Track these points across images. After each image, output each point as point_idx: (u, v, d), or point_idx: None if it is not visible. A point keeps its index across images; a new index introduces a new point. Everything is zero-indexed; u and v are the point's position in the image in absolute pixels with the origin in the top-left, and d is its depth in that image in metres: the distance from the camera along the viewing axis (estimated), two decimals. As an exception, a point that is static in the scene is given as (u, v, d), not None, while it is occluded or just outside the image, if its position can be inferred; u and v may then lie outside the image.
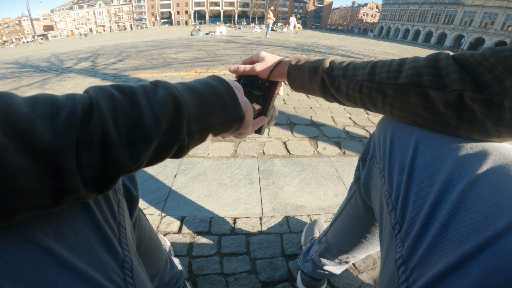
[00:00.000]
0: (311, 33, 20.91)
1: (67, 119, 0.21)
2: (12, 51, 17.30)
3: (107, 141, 0.23)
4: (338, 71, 0.47)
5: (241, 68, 0.58)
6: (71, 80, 3.56)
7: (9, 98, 0.20)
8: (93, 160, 0.23)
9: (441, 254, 0.27)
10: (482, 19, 41.20)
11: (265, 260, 0.90)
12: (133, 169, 0.26)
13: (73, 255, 0.25)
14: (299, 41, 9.94)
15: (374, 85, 0.41)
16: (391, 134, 0.42)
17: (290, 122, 2.00)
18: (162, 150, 0.28)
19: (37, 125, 0.20)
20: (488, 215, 0.26)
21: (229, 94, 0.35)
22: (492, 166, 0.30)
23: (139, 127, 0.25)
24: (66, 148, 0.21)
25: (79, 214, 0.28)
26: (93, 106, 0.23)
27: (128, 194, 0.44)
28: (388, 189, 0.39)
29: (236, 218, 1.07)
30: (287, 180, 1.32)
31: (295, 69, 0.54)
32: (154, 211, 1.11)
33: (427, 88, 0.34)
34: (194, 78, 2.15)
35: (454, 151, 0.33)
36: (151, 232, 0.60)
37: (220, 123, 0.34)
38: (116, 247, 0.30)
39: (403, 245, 0.33)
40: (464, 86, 0.31)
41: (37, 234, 0.23)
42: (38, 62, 6.01)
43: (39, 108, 0.21)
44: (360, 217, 0.57)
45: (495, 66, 0.30)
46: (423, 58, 0.36)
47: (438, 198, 0.30)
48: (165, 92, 0.28)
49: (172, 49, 6.43)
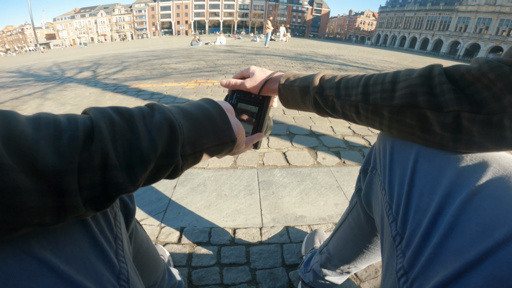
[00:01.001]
0: (309, 42, 21.18)
1: (70, 142, 0.23)
2: (14, 60, 17.46)
3: (107, 164, 0.24)
4: (330, 91, 0.46)
5: (232, 82, 0.58)
6: (72, 90, 3.59)
7: (13, 119, 0.21)
8: (93, 181, 0.24)
9: (441, 265, 0.28)
10: (476, 25, 41.84)
11: (265, 270, 0.90)
12: (131, 189, 0.27)
13: (69, 266, 0.25)
14: (298, 50, 10.06)
15: (369, 106, 0.40)
16: (390, 146, 0.43)
17: (290, 133, 2.01)
18: (158, 172, 0.30)
19: (42, 148, 0.21)
20: (488, 226, 0.26)
21: (221, 118, 0.37)
22: (491, 177, 0.30)
23: (137, 150, 0.27)
24: (69, 170, 0.22)
25: (76, 227, 0.28)
26: (94, 130, 0.25)
27: (124, 206, 0.45)
28: (389, 201, 0.39)
29: (236, 229, 1.07)
30: (287, 191, 1.32)
31: (286, 88, 0.53)
32: (153, 221, 1.11)
33: (423, 109, 0.33)
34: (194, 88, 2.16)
35: (454, 163, 0.33)
36: (148, 243, 0.60)
37: (213, 146, 0.35)
38: (113, 259, 0.31)
39: (404, 256, 0.33)
40: (460, 107, 0.31)
41: (34, 246, 0.24)
42: (39, 71, 6.06)
43: (42, 130, 0.22)
44: (361, 228, 0.57)
45: (494, 82, 0.29)
46: (416, 74, 0.35)
47: (439, 210, 0.31)
48: (161, 116, 0.30)
49: (172, 59, 6.50)
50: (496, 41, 38.56)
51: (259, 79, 0.56)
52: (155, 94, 3.11)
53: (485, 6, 39.51)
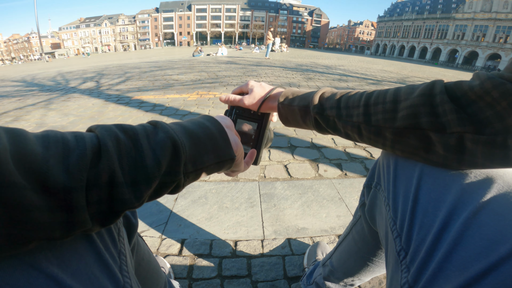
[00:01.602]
0: (309, 53, 21.46)
1: (79, 160, 0.24)
2: (19, 68, 17.71)
3: (114, 181, 0.26)
4: (331, 111, 0.45)
5: (231, 98, 0.58)
6: (75, 100, 3.63)
7: (23, 137, 0.22)
8: (100, 198, 0.25)
9: (446, 279, 0.28)
10: (473, 32, 42.22)
11: (267, 283, 0.89)
12: (136, 205, 0.28)
13: (75, 281, 0.26)
14: (298, 61, 10.19)
15: (371, 128, 0.39)
16: (394, 163, 0.43)
17: (291, 145, 2.02)
18: (161, 188, 0.31)
19: (52, 166, 0.22)
20: (492, 241, 0.27)
21: (221, 136, 0.38)
22: (496, 194, 0.30)
23: (142, 168, 0.28)
24: (78, 188, 0.23)
25: (81, 243, 0.29)
26: (101, 148, 0.26)
27: (127, 221, 0.45)
28: (393, 217, 0.40)
29: (237, 241, 1.07)
30: (289, 203, 1.32)
31: (285, 108, 0.53)
32: (154, 233, 1.11)
33: (426, 130, 0.33)
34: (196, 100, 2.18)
35: (458, 180, 0.34)
36: (149, 256, 0.60)
37: (213, 164, 0.36)
38: (117, 274, 0.31)
39: (409, 271, 0.33)
40: (464, 128, 0.30)
41: (41, 261, 0.24)
42: (44, 80, 6.15)
43: (51, 148, 0.23)
44: (366, 241, 0.58)
45: (497, 101, 0.28)
46: (417, 93, 0.34)
47: (443, 226, 0.31)
48: (165, 135, 0.31)
49: (174, 70, 6.59)
50: (494, 48, 38.80)
51: (258, 97, 0.55)
52: (157, 105, 3.14)
53: (481, 13, 39.94)
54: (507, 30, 37.67)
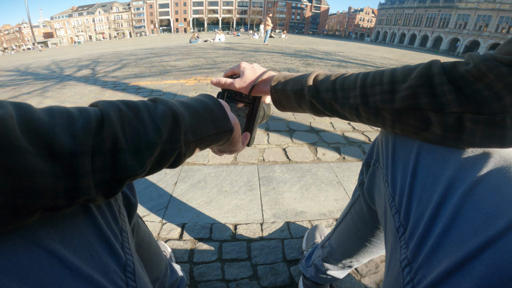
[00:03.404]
0: (308, 39, 21.12)
1: (84, 127, 0.24)
2: (12, 58, 17.38)
3: (117, 148, 0.26)
4: (327, 94, 0.44)
5: (221, 81, 0.57)
6: (71, 88, 3.58)
7: (28, 108, 0.22)
8: (104, 164, 0.25)
9: (444, 254, 0.28)
10: (476, 22, 41.74)
11: (266, 265, 0.91)
12: (139, 173, 0.28)
13: (77, 258, 0.26)
14: (297, 47, 10.03)
15: (370, 109, 0.39)
16: (393, 140, 0.43)
17: (290, 129, 2.02)
18: (163, 157, 0.31)
19: (58, 132, 0.22)
20: (489, 216, 0.27)
21: (219, 109, 0.39)
22: (492, 168, 0.31)
23: (144, 136, 0.28)
24: (84, 152, 0.23)
25: (82, 219, 0.29)
26: (104, 117, 0.26)
27: (126, 200, 0.45)
28: (392, 193, 0.40)
29: (237, 225, 1.08)
30: (287, 186, 1.33)
31: (279, 93, 0.51)
32: (155, 218, 1.11)
33: (426, 110, 0.34)
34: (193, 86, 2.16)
35: (456, 155, 0.34)
36: (150, 238, 0.60)
37: (212, 135, 0.37)
38: (119, 251, 0.31)
39: (408, 247, 0.34)
40: (463, 108, 0.31)
41: (43, 238, 0.24)
42: (38, 69, 6.04)
43: (57, 117, 0.23)
44: (364, 221, 0.58)
45: (494, 82, 0.29)
46: (415, 74, 0.34)
47: (441, 201, 0.31)
48: (164, 107, 0.32)
49: (171, 56, 6.48)
50: (496, 38, 38.45)
51: (248, 80, 0.54)
52: (155, 91, 3.11)
53: (484, 3, 39.39)
54: (511, 21, 37.18)
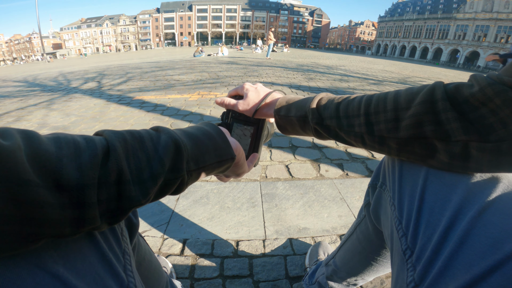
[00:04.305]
0: (310, 53, 21.45)
1: (91, 159, 0.25)
2: (21, 69, 17.75)
3: (122, 179, 0.27)
4: (331, 121, 0.45)
5: (226, 102, 0.57)
6: (77, 101, 3.64)
7: (36, 138, 0.23)
8: (109, 195, 0.26)
9: (452, 277, 0.28)
10: (474, 32, 42.13)
11: (268, 282, 0.89)
12: (143, 202, 0.29)
13: (80, 281, 0.26)
14: (299, 61, 10.19)
15: (375, 137, 0.40)
16: (400, 163, 0.43)
17: (292, 145, 2.02)
18: (166, 186, 0.32)
19: (65, 165, 0.23)
20: (497, 240, 0.27)
21: (220, 137, 0.40)
22: (501, 193, 0.31)
23: (147, 167, 0.29)
24: (90, 185, 0.24)
25: (85, 243, 0.30)
26: (110, 148, 0.27)
27: (128, 221, 0.46)
28: (398, 216, 0.40)
29: (239, 241, 1.07)
30: (290, 203, 1.32)
31: (283, 119, 0.52)
32: (156, 233, 1.11)
33: (431, 138, 0.34)
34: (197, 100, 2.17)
35: (464, 179, 0.34)
36: (150, 256, 0.61)
37: (214, 163, 0.38)
38: (121, 273, 0.32)
39: (415, 270, 0.34)
40: (468, 137, 0.31)
41: (47, 261, 0.25)
42: (45, 81, 6.17)
43: (64, 148, 0.24)
44: (370, 241, 0.58)
45: (500, 108, 0.28)
46: (418, 100, 0.34)
47: (449, 225, 0.32)
48: (166, 136, 0.33)
49: (175, 70, 6.60)
50: (495, 48, 38.60)
51: (252, 103, 0.54)
52: (159, 106, 3.15)
53: (482, 13, 39.90)
54: (508, 30, 37.64)
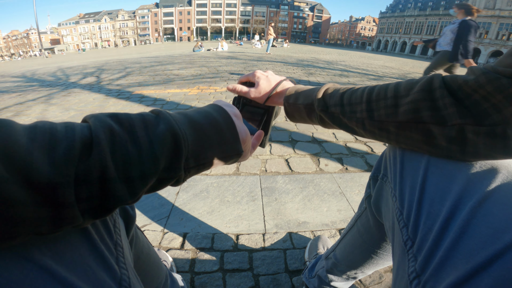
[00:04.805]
0: (310, 48, 21.34)
1: (66, 153, 0.22)
2: (19, 64, 17.66)
3: (106, 176, 0.24)
4: (335, 108, 0.47)
5: (237, 89, 0.59)
6: (76, 95, 3.63)
7: (8, 128, 0.20)
8: (91, 194, 0.23)
9: (453, 267, 0.29)
10: (476, 29, 41.93)
11: (268, 276, 0.90)
12: (130, 202, 0.27)
13: (70, 273, 0.25)
14: (299, 56, 10.13)
15: (375, 122, 0.41)
16: (401, 155, 0.43)
17: (292, 139, 2.02)
18: (159, 184, 0.30)
19: (36, 159, 0.20)
20: (497, 230, 0.27)
21: (229, 129, 0.36)
22: (500, 183, 0.31)
23: (138, 163, 0.26)
24: (65, 183, 0.21)
25: (75, 234, 0.28)
26: (93, 141, 0.24)
27: (124, 213, 0.45)
28: (400, 207, 0.40)
29: (239, 235, 1.07)
30: (290, 197, 1.33)
31: (291, 106, 0.54)
32: (156, 227, 1.11)
33: (428, 123, 0.35)
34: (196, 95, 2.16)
35: (464, 170, 0.34)
36: (149, 249, 0.60)
37: (217, 160, 0.35)
38: (113, 265, 0.31)
39: (416, 260, 0.34)
40: (464, 120, 0.32)
41: (34, 253, 0.24)
42: (44, 76, 6.13)
43: (38, 140, 0.21)
44: (371, 233, 0.58)
45: (492, 94, 0.29)
46: (417, 88, 0.36)
47: (450, 215, 0.32)
48: (165, 127, 0.29)
49: (175, 65, 6.56)
50: (497, 45, 38.53)
51: (263, 92, 0.56)
52: (158, 100, 3.14)
53: (484, 10, 39.42)
54: (510, 27, 37.37)
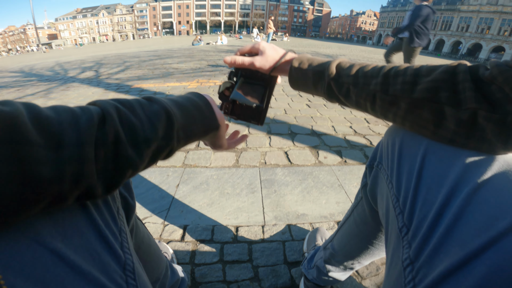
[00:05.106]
0: (310, 42, 21.16)
1: (88, 122, 0.26)
2: (16, 59, 17.51)
3: (118, 140, 0.28)
4: (348, 78, 0.45)
5: (238, 60, 0.55)
6: (74, 89, 3.61)
7: (36, 107, 0.24)
8: (107, 154, 0.27)
9: (446, 254, 0.29)
10: (478, 25, 41.43)
11: (267, 267, 0.91)
12: (138, 163, 0.31)
13: (78, 257, 0.26)
14: (299, 50, 10.06)
15: (387, 97, 0.40)
16: (400, 142, 0.43)
17: (291, 132, 2.02)
18: (158, 152, 0.34)
19: (65, 127, 0.25)
20: (492, 217, 0.27)
21: (207, 108, 0.42)
22: (496, 172, 0.31)
23: (141, 131, 0.31)
24: (88, 142, 0.26)
25: (82, 220, 0.30)
26: (105, 114, 0.29)
27: (124, 202, 0.46)
28: (396, 194, 0.40)
29: (239, 227, 1.08)
30: (289, 189, 1.34)
31: (298, 72, 0.52)
32: (157, 219, 1.12)
33: (443, 104, 0.34)
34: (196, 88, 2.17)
35: (461, 158, 0.34)
36: (149, 240, 0.61)
37: (200, 132, 0.41)
38: (118, 250, 0.32)
39: (410, 247, 0.34)
40: (479, 105, 0.32)
41: (45, 236, 0.25)
42: (42, 71, 6.10)
43: (62, 115, 0.26)
44: (367, 223, 0.59)
45: (503, 85, 0.30)
46: (441, 69, 0.36)
47: (445, 202, 0.32)
48: (158, 106, 0.34)
49: (174, 59, 6.52)
50: (498, 41, 38.25)
51: (271, 60, 0.54)
52: (158, 93, 3.13)
53: (487, 6, 39.19)
54: (513, 23, 37.06)
